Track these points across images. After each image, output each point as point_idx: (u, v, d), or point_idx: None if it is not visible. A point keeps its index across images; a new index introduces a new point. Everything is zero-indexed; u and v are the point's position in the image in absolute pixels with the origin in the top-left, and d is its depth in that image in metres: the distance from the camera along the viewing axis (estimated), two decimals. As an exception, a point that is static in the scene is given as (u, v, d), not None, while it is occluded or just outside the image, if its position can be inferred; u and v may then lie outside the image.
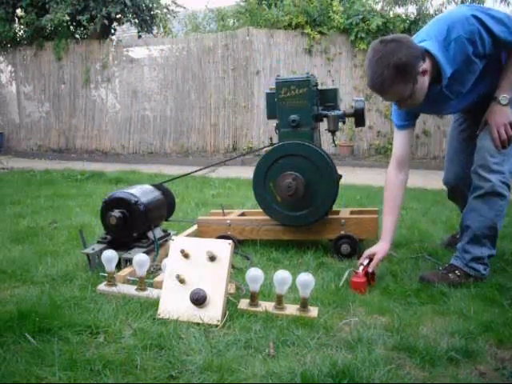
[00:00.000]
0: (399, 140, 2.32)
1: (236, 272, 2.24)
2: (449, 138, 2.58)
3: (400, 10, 8.86)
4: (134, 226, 2.37)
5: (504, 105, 2.03)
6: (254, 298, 1.84)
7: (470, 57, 1.97)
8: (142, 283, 2.00)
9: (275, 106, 2.59)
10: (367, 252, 2.20)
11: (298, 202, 2.51)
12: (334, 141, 2.80)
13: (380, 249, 2.21)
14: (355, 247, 2.50)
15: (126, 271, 2.18)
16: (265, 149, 2.76)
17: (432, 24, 2.07)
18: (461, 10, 1.99)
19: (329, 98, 2.68)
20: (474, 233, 2.12)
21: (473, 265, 2.12)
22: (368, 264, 2.12)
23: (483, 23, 1.93)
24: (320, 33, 8.54)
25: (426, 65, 1.95)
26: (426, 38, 2.01)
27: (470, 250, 2.13)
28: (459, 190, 2.50)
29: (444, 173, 2.59)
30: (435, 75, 2.01)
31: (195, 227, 2.82)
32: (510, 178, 2.08)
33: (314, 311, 1.81)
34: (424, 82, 1.97)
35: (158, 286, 1.98)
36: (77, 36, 10.15)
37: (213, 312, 1.75)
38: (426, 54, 1.96)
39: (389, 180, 2.32)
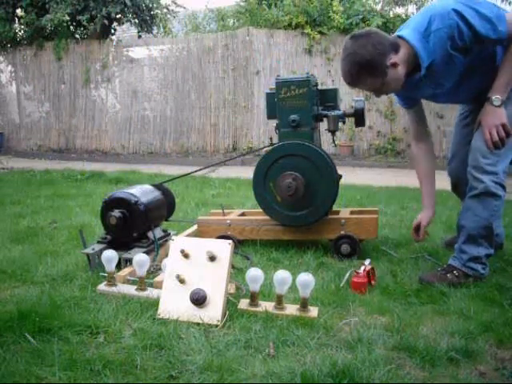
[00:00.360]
0: (409, 118, 2.49)
1: (236, 272, 2.24)
2: (453, 131, 2.61)
3: (400, 10, 8.86)
4: (134, 226, 2.37)
5: (497, 106, 2.02)
6: (254, 298, 1.84)
7: (448, 50, 1.99)
8: (142, 283, 2.00)
9: (275, 105, 2.59)
10: (414, 223, 2.38)
11: (298, 202, 2.51)
12: (334, 141, 2.80)
13: (424, 216, 2.37)
14: (355, 247, 2.50)
15: (125, 271, 2.17)
16: (265, 149, 2.76)
17: (418, 14, 2.11)
18: (444, 3, 1.99)
19: (329, 98, 2.67)
20: (468, 232, 2.13)
21: (470, 264, 2.13)
22: (369, 264, 2.12)
23: (464, 17, 1.92)
24: (320, 33, 8.54)
25: (397, 57, 2.02)
26: (408, 27, 2.06)
27: (466, 250, 2.14)
28: (460, 183, 2.51)
29: (447, 164, 2.64)
30: (414, 64, 2.06)
31: (195, 227, 2.82)
32: (504, 178, 2.08)
33: (314, 311, 1.81)
34: (396, 73, 2.04)
35: (158, 286, 1.98)
36: (77, 36, 10.16)
37: (213, 312, 1.75)
38: (404, 43, 2.03)
39: (412, 153, 2.51)
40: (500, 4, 9.01)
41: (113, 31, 10.60)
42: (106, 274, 2.07)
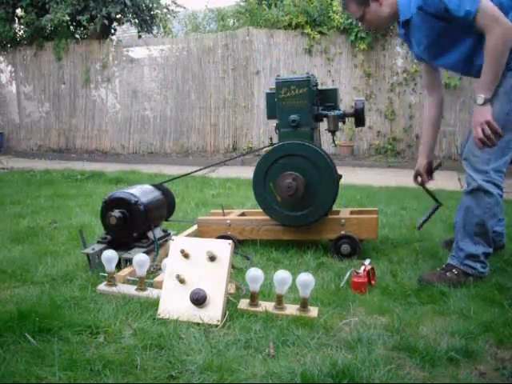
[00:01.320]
0: (422, 70, 2.58)
1: (236, 272, 2.24)
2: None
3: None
4: (134, 226, 2.37)
5: (480, 104, 2.03)
6: (254, 298, 1.84)
7: (418, 11, 2.11)
8: (142, 283, 2.00)
9: (275, 105, 2.59)
10: (416, 172, 2.52)
11: (298, 201, 2.51)
12: (334, 141, 2.81)
13: (419, 164, 2.51)
14: (355, 247, 2.50)
15: (125, 271, 2.18)
16: (265, 149, 2.76)
17: None
18: None
19: (329, 97, 2.68)
20: (462, 228, 2.15)
21: (469, 263, 2.13)
22: (369, 265, 2.12)
23: None
24: (320, 33, 8.53)
25: None
26: None
27: (463, 248, 2.16)
28: None
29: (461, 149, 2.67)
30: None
31: (195, 227, 2.82)
32: (497, 176, 2.08)
33: (314, 311, 1.81)
34: (378, 9, 2.22)
35: (158, 286, 1.98)
36: (77, 36, 10.15)
37: (213, 312, 1.75)
38: None
39: (425, 104, 2.60)
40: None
41: (113, 31, 10.58)
42: (106, 274, 2.07)
